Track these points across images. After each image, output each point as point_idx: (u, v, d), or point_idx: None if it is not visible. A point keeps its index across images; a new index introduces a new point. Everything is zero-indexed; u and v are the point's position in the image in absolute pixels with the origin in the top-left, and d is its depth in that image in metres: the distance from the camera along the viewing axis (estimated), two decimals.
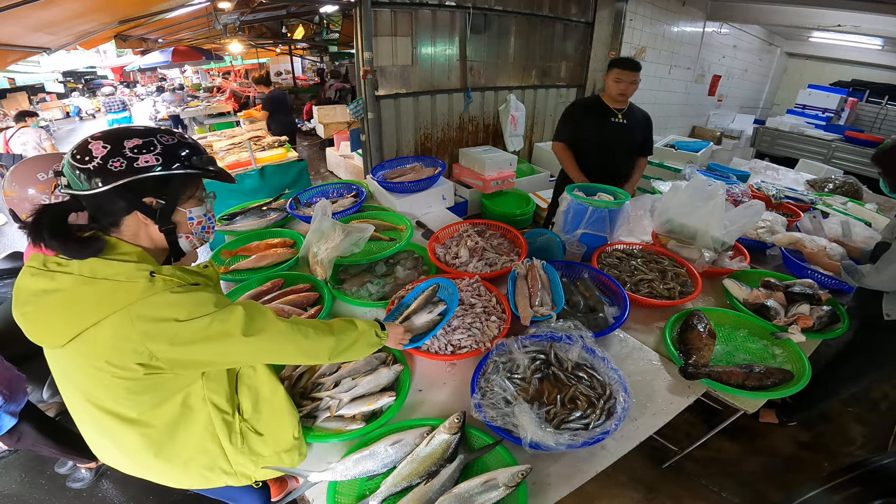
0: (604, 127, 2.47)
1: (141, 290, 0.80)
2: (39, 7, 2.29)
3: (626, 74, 2.34)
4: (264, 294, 1.72)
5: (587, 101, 2.62)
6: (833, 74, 8.29)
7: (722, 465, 2.01)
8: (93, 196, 0.81)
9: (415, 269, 1.89)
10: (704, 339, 1.47)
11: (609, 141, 2.49)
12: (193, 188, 0.94)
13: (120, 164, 0.80)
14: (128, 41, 5.05)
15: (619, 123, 2.46)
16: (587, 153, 2.54)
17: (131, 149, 0.82)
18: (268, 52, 12.57)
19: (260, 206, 2.44)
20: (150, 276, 0.82)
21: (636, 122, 2.52)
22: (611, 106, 2.48)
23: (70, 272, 0.80)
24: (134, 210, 0.85)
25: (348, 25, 7.02)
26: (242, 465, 1.02)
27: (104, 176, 0.79)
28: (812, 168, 4.39)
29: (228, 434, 0.98)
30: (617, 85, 2.38)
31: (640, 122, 2.54)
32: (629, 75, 2.34)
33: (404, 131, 4.19)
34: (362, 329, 1.12)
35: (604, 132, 2.48)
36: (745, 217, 1.98)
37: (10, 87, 12.91)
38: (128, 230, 0.88)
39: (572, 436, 1.07)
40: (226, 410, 0.98)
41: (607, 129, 2.47)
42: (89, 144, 0.81)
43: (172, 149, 0.86)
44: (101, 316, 0.78)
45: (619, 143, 2.49)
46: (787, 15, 6.00)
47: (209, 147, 4.15)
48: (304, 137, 8.59)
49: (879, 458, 1.16)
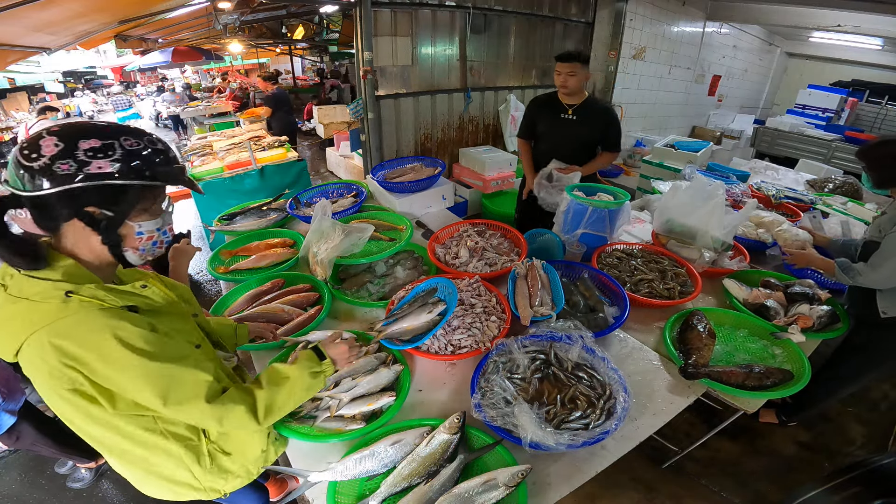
0: (553, 123, 2.45)
1: (53, 312, 0.73)
2: (39, 7, 2.29)
3: (563, 66, 2.28)
4: (264, 294, 1.72)
5: (544, 96, 2.56)
6: (833, 74, 8.30)
7: (722, 465, 2.01)
8: (32, 198, 0.72)
9: (415, 269, 1.89)
10: (704, 339, 1.47)
11: (557, 136, 2.46)
12: (150, 200, 0.83)
13: (69, 167, 0.70)
14: (128, 41, 5.06)
15: (568, 119, 2.40)
16: (540, 148, 2.57)
17: (86, 151, 0.72)
18: (268, 52, 12.58)
19: (260, 206, 2.44)
20: (66, 296, 0.74)
21: (590, 118, 2.39)
22: (563, 102, 2.42)
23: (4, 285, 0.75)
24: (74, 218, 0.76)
25: (348, 25, 7.02)
26: (212, 482, 1.01)
27: (49, 178, 0.70)
28: (812, 168, 4.38)
29: (197, 458, 0.96)
30: (557, 77, 2.34)
31: (598, 117, 2.41)
32: (565, 66, 2.28)
33: (404, 131, 4.19)
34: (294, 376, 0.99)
35: (553, 128, 2.46)
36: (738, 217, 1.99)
37: (10, 87, 12.89)
38: (66, 239, 0.79)
39: (572, 436, 1.07)
40: (189, 437, 0.95)
41: (556, 125, 2.44)
42: (41, 139, 0.72)
43: (135, 155, 0.76)
44: (21, 339, 0.72)
45: (566, 138, 2.43)
46: (787, 15, 6.00)
47: (209, 147, 4.15)
48: (304, 137, 8.60)
49: (879, 458, 1.16)
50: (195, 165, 3.63)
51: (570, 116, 2.40)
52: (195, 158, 3.83)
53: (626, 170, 6.41)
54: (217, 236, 2.72)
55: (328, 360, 1.08)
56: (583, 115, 2.39)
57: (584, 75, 2.32)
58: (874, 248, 1.57)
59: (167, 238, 0.90)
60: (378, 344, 1.40)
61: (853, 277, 1.58)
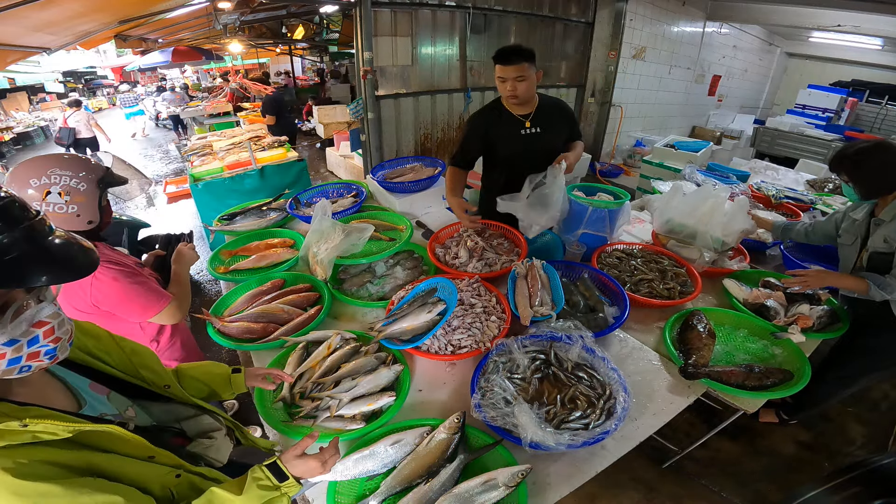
0: (514, 143, 1.97)
1: None
2: (39, 7, 2.29)
3: (506, 70, 1.80)
4: (264, 294, 1.72)
5: (487, 112, 2.04)
6: (833, 74, 8.31)
7: (722, 465, 2.01)
8: None
9: (415, 269, 1.89)
10: (704, 339, 1.47)
11: (522, 158, 1.96)
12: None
13: None
14: (128, 41, 5.05)
15: (531, 134, 1.95)
16: (497, 180, 2.09)
17: None
18: (268, 52, 12.58)
19: (260, 206, 2.44)
20: None
21: (552, 123, 1.98)
22: (516, 114, 1.95)
23: None
24: None
25: (348, 25, 7.02)
26: None
27: None
28: (812, 168, 4.38)
29: None
30: (503, 86, 1.86)
31: (556, 118, 2.00)
32: (510, 70, 1.79)
33: (404, 131, 4.20)
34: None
35: (516, 149, 1.98)
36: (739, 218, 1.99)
37: (10, 87, 12.90)
38: None
39: (572, 436, 1.07)
40: None
41: (518, 144, 1.97)
42: None
43: None
44: None
45: (533, 155, 1.93)
46: (787, 15, 6.01)
47: (209, 147, 4.15)
48: (304, 137, 8.60)
49: (879, 458, 1.16)
50: (195, 165, 3.64)
51: (531, 130, 1.95)
52: (195, 158, 3.83)
53: (626, 170, 6.42)
54: (217, 236, 2.72)
55: (290, 481, 0.82)
56: (543, 122, 1.96)
57: (536, 76, 1.87)
58: (881, 259, 1.54)
59: (48, 348, 0.65)
60: (378, 344, 1.41)
61: (891, 293, 1.50)
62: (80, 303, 1.25)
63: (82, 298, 1.24)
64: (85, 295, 1.23)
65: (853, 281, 1.58)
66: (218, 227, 2.33)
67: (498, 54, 1.81)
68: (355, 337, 1.47)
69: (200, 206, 3.33)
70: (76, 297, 1.24)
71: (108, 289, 1.24)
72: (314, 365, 1.35)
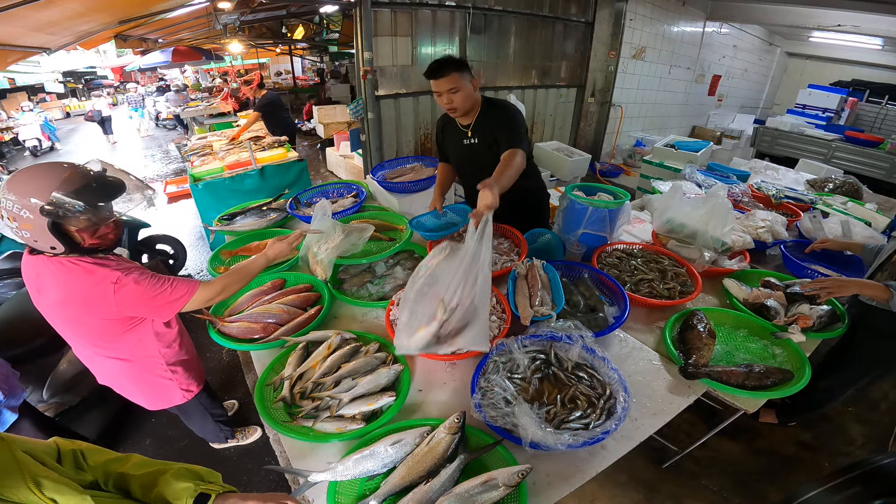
0: (459, 151, 2.02)
1: None
2: (39, 7, 2.29)
3: (438, 84, 1.72)
4: (264, 294, 1.72)
5: (445, 116, 2.04)
6: (833, 74, 8.32)
7: (722, 465, 2.01)
8: None
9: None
10: (704, 338, 1.47)
11: (466, 167, 2.09)
12: None
13: None
14: (128, 41, 5.06)
15: (470, 145, 1.94)
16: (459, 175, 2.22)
17: None
18: (268, 52, 12.57)
19: (260, 206, 2.44)
20: None
21: (488, 131, 1.87)
22: (460, 124, 1.94)
23: None
24: None
25: (348, 25, 7.02)
26: None
27: None
28: (812, 168, 4.39)
29: None
30: (439, 99, 1.79)
31: (493, 125, 1.85)
32: (441, 84, 1.72)
33: (404, 131, 4.20)
34: None
35: (461, 157, 2.05)
36: None
37: (10, 87, 12.89)
38: None
39: (572, 436, 1.07)
40: None
41: (461, 153, 2.01)
42: None
43: None
44: None
45: (474, 166, 1.95)
46: (787, 15, 6.01)
47: (209, 147, 4.15)
48: (304, 137, 8.60)
49: (879, 458, 1.16)
50: (195, 165, 3.64)
51: (471, 140, 1.93)
52: (195, 158, 3.83)
53: (626, 170, 6.43)
54: (217, 236, 2.72)
55: None
56: (481, 133, 1.90)
57: (471, 85, 1.78)
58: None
59: None
60: (378, 343, 1.41)
61: None
62: (105, 312, 1.23)
63: (107, 307, 1.21)
64: (109, 303, 1.20)
65: (875, 289, 1.53)
66: (218, 227, 2.33)
67: (427, 70, 1.75)
68: (355, 337, 1.47)
69: (200, 206, 3.33)
70: (102, 307, 1.22)
71: (132, 292, 1.21)
72: (314, 365, 1.35)
